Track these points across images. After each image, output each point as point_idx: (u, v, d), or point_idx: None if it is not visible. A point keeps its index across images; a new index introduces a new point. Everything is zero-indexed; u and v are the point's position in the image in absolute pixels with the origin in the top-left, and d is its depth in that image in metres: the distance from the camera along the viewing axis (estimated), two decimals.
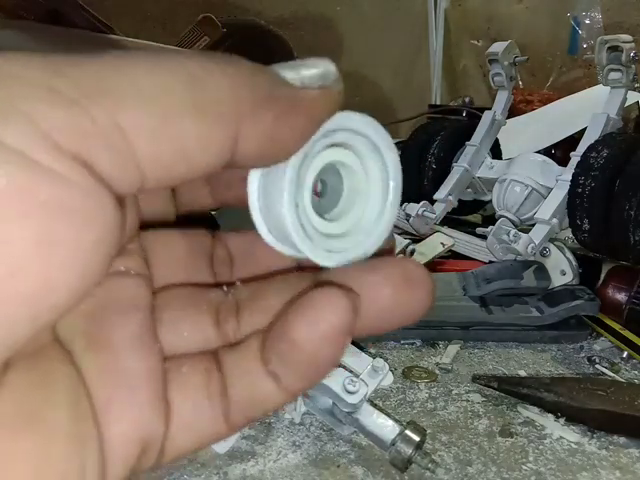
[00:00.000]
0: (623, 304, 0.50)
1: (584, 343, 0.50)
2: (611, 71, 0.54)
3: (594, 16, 1.05)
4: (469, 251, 0.59)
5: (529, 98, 0.97)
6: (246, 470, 0.34)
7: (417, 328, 0.48)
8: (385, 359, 0.37)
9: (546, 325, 0.49)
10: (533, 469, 0.35)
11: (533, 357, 0.47)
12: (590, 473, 0.34)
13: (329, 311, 0.14)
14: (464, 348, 0.48)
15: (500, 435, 0.37)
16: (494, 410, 0.40)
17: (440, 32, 1.11)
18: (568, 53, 1.08)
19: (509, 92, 0.65)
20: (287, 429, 0.37)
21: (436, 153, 0.65)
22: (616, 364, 0.47)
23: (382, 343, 0.48)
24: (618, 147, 0.49)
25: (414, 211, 0.60)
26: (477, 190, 0.66)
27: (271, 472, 0.34)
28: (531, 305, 0.49)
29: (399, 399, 0.41)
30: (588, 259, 0.54)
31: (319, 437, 0.37)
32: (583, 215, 0.49)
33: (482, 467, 0.34)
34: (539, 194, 0.56)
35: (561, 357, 0.48)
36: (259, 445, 0.36)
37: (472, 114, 0.87)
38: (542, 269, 0.51)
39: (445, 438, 0.37)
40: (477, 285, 0.51)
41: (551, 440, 0.37)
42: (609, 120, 0.54)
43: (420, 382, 0.43)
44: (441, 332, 0.49)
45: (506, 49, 0.61)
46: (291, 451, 0.35)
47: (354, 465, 0.34)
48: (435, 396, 0.41)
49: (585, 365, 0.47)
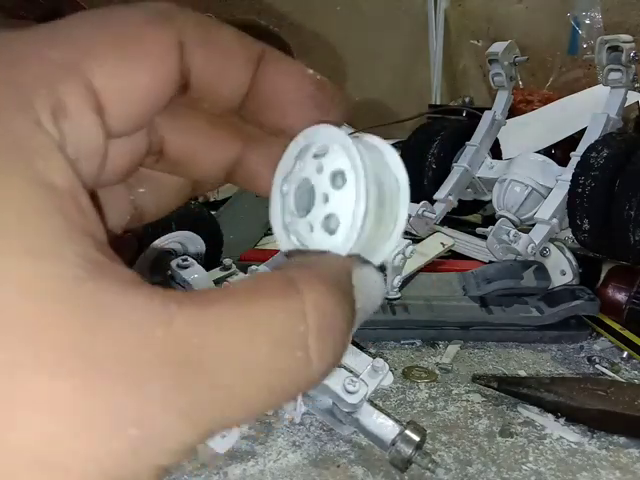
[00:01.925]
0: (623, 304, 0.50)
1: (584, 343, 0.50)
2: (611, 71, 0.54)
3: (594, 16, 1.05)
4: (469, 251, 0.60)
5: (529, 98, 0.97)
6: (246, 470, 0.34)
7: (417, 328, 0.48)
8: (385, 359, 0.37)
9: (546, 325, 0.49)
10: (533, 469, 0.35)
11: (533, 357, 0.47)
12: (590, 473, 0.34)
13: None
14: (464, 348, 0.48)
15: (500, 435, 0.37)
16: (494, 410, 0.40)
17: (440, 32, 1.11)
18: (568, 53, 1.08)
19: (509, 92, 0.65)
20: (287, 429, 0.37)
21: (436, 153, 0.65)
22: (616, 364, 0.47)
23: (382, 343, 0.48)
24: (618, 147, 0.49)
25: (414, 211, 0.60)
26: (477, 190, 0.65)
27: (271, 472, 0.34)
28: (531, 305, 0.49)
29: (399, 399, 0.41)
30: (588, 259, 0.54)
31: (319, 437, 0.37)
32: (583, 215, 0.49)
33: (482, 467, 0.34)
34: (539, 194, 0.56)
35: (561, 357, 0.48)
36: (259, 445, 0.36)
37: (472, 114, 0.87)
38: (542, 269, 0.51)
39: (445, 438, 0.37)
40: (477, 285, 0.51)
41: (551, 440, 0.37)
42: (609, 120, 0.54)
43: (420, 382, 0.43)
44: (441, 332, 0.49)
45: (506, 49, 0.61)
46: (291, 451, 0.35)
47: (354, 465, 0.34)
48: (435, 396, 0.41)
49: (585, 365, 0.47)
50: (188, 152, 0.19)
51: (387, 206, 0.17)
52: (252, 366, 0.12)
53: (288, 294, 0.13)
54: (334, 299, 0.14)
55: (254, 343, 0.12)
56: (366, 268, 0.16)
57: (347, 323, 0.14)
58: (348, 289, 0.15)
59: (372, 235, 0.17)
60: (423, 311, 0.48)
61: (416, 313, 0.48)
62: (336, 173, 0.17)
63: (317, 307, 0.13)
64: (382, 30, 1.18)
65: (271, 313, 0.13)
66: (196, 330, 0.12)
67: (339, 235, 0.16)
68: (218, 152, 0.20)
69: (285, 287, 0.13)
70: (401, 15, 1.17)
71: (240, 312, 0.12)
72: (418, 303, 0.49)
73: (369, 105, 1.19)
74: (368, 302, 0.16)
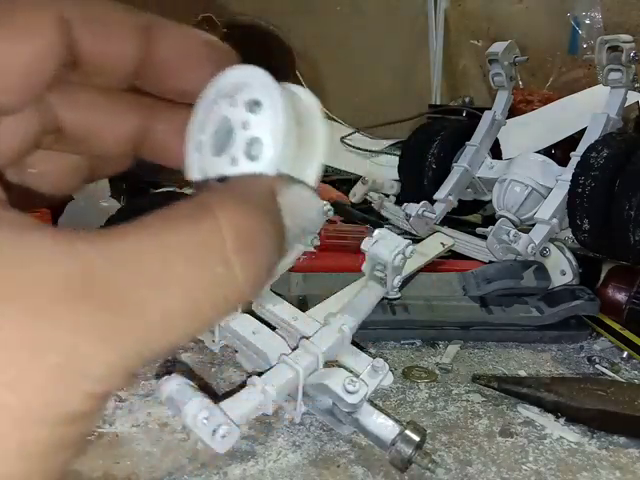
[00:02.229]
0: (623, 304, 0.50)
1: (584, 343, 0.50)
2: (611, 71, 0.54)
3: (594, 16, 1.05)
4: (469, 251, 0.59)
5: (529, 98, 0.97)
6: (246, 470, 0.34)
7: (417, 328, 0.48)
8: (385, 359, 0.37)
9: (546, 325, 0.49)
10: (533, 469, 0.35)
11: (533, 357, 0.47)
12: (590, 473, 0.34)
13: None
14: (464, 348, 0.48)
15: (500, 435, 0.37)
16: (494, 410, 0.40)
17: (440, 32, 1.11)
18: (568, 53, 1.08)
19: (509, 92, 0.65)
20: (287, 429, 0.37)
21: (436, 153, 0.65)
22: (616, 364, 0.47)
23: (382, 343, 0.48)
24: (618, 147, 0.49)
25: (414, 211, 0.60)
26: (477, 190, 0.65)
27: (271, 472, 0.34)
28: (531, 305, 0.49)
29: (399, 399, 0.41)
30: (588, 259, 0.54)
31: (319, 437, 0.37)
32: (583, 215, 0.49)
33: (482, 467, 0.34)
34: (539, 194, 0.56)
35: (561, 357, 0.48)
36: (259, 445, 0.36)
37: (472, 114, 0.87)
38: (542, 269, 0.51)
39: (445, 438, 0.37)
40: (477, 285, 0.51)
41: (551, 440, 0.37)
42: (609, 120, 0.54)
43: (420, 382, 0.43)
44: (441, 332, 0.49)
45: (506, 49, 0.61)
46: (291, 451, 0.35)
47: (354, 465, 0.34)
48: (435, 396, 0.41)
49: (585, 365, 0.47)
50: (86, 128, 0.19)
51: (305, 127, 0.18)
52: (169, 285, 0.13)
53: (199, 215, 0.14)
54: (250, 215, 0.14)
55: (168, 263, 0.13)
56: (295, 186, 0.16)
57: (270, 238, 0.15)
58: (269, 206, 0.15)
59: (295, 155, 0.17)
60: (423, 311, 0.48)
61: (416, 313, 0.48)
62: (251, 102, 0.17)
63: (232, 224, 0.14)
64: (382, 30, 1.18)
65: (183, 234, 0.13)
66: (106, 259, 0.12)
67: (263, 158, 0.17)
68: (118, 125, 0.20)
69: (196, 209, 0.14)
70: (401, 15, 1.17)
71: (151, 238, 0.13)
72: (418, 303, 0.49)
73: (369, 105, 1.19)
74: (302, 220, 0.16)
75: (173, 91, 0.19)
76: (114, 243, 0.13)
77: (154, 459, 0.34)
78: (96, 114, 0.19)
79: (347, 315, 0.38)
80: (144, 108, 0.20)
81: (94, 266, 0.12)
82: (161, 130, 0.20)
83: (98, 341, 0.12)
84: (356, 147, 0.97)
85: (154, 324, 0.13)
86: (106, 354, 0.12)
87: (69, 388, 0.12)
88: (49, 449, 0.12)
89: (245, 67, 0.17)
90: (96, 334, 0.12)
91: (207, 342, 0.42)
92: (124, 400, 0.39)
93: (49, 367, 0.12)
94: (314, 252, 0.52)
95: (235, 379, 0.42)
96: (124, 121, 0.20)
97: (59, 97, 0.18)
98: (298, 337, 0.38)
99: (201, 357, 0.44)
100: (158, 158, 0.21)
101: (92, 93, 0.19)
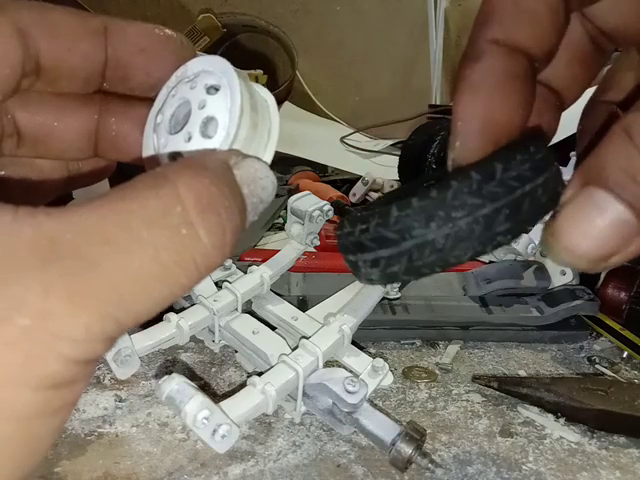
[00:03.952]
0: (623, 304, 0.50)
1: (584, 343, 0.50)
2: None
3: None
4: None
5: None
6: (246, 470, 0.34)
7: (417, 328, 0.48)
8: (385, 359, 0.37)
9: (546, 325, 0.49)
10: (533, 469, 0.35)
11: (533, 357, 0.47)
12: (590, 473, 0.34)
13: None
14: (464, 348, 0.48)
15: (500, 435, 0.37)
16: (494, 410, 0.40)
17: (440, 32, 1.11)
18: None
19: None
20: (287, 429, 0.37)
21: (436, 153, 0.65)
22: (616, 364, 0.47)
23: (382, 343, 0.48)
24: None
25: None
26: None
27: (271, 472, 0.34)
28: (531, 305, 0.49)
29: (399, 399, 0.41)
30: None
31: (319, 437, 0.37)
32: None
33: (482, 467, 0.34)
34: None
35: (561, 357, 0.48)
36: (259, 445, 0.36)
37: None
38: (542, 269, 0.51)
39: (445, 438, 0.37)
40: (477, 285, 0.51)
41: (551, 440, 0.37)
42: None
43: (420, 382, 0.43)
44: (441, 332, 0.49)
45: None
46: (291, 451, 0.35)
47: (354, 465, 0.34)
48: (435, 396, 0.41)
49: (585, 365, 0.47)
50: (42, 128, 0.20)
51: (260, 114, 0.19)
52: (134, 248, 0.13)
53: (158, 183, 0.14)
54: (208, 180, 0.15)
55: (132, 228, 0.13)
56: (248, 159, 0.17)
57: (229, 202, 0.15)
58: (225, 175, 0.16)
59: (249, 137, 0.18)
60: (423, 311, 0.48)
61: (416, 313, 0.48)
62: (210, 87, 0.18)
63: (190, 188, 0.14)
64: (382, 30, 1.18)
65: (143, 200, 0.14)
66: (69, 227, 0.13)
67: (217, 136, 0.18)
68: (70, 123, 0.20)
69: (155, 178, 0.14)
70: (401, 15, 1.17)
71: (113, 206, 0.14)
72: (418, 303, 0.49)
73: (369, 105, 1.19)
74: (257, 188, 0.17)
75: (140, 87, 0.20)
76: (76, 214, 0.13)
77: (154, 459, 0.34)
78: (49, 114, 0.20)
79: (347, 315, 0.38)
80: (96, 104, 0.21)
81: (57, 233, 0.13)
82: (115, 123, 0.21)
83: (68, 302, 0.12)
84: (356, 147, 0.97)
85: (124, 287, 0.13)
86: (78, 315, 0.13)
87: (44, 349, 0.12)
88: (33, 413, 0.12)
89: (207, 56, 0.18)
90: (65, 296, 0.12)
91: (207, 342, 0.42)
92: (124, 400, 0.39)
93: (20, 328, 0.12)
94: (314, 252, 0.52)
95: (235, 379, 0.42)
96: (76, 118, 0.20)
97: (14, 100, 0.19)
98: (298, 337, 0.38)
99: (201, 357, 0.44)
100: (116, 152, 0.21)
101: (45, 94, 0.20)
